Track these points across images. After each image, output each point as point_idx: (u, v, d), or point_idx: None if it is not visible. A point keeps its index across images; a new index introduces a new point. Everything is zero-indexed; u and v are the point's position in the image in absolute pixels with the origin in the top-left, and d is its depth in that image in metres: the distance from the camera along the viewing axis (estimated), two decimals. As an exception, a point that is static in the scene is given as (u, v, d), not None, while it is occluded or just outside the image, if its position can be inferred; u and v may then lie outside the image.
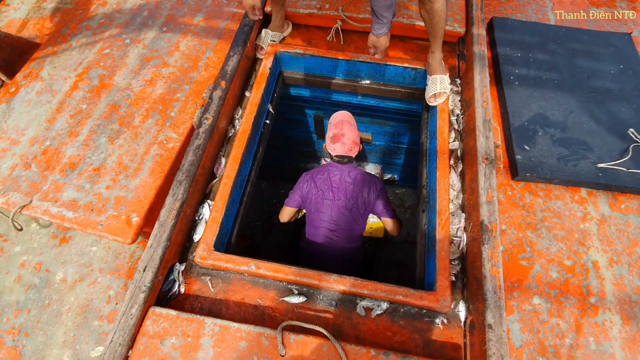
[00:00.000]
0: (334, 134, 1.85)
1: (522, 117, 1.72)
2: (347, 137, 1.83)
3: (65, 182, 1.54)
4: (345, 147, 1.83)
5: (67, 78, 1.83)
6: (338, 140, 1.83)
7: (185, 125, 1.67)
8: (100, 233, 1.43)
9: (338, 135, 1.84)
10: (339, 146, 1.83)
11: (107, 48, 1.92)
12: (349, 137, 1.83)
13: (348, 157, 1.86)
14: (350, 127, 1.85)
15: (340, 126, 1.85)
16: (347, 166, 1.88)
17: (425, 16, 1.57)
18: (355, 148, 1.86)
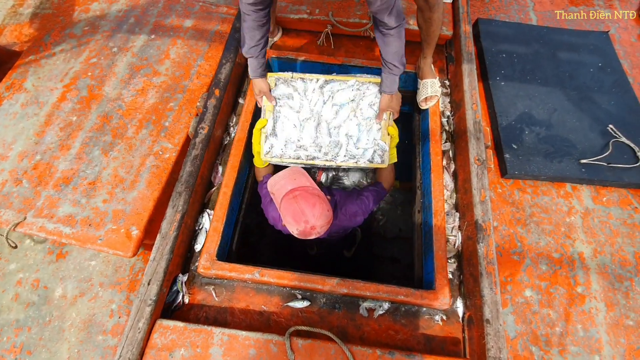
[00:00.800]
0: (300, 231, 1.35)
1: (509, 116, 1.79)
2: (320, 227, 1.34)
3: (59, 197, 1.51)
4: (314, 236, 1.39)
5: (53, 89, 1.79)
6: (309, 235, 1.37)
7: (180, 135, 1.67)
8: (100, 248, 1.42)
9: (307, 230, 1.34)
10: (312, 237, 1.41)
11: (94, 57, 1.88)
12: (321, 225, 1.34)
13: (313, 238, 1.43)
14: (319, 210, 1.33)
15: (301, 214, 1.32)
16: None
17: (422, 24, 1.60)
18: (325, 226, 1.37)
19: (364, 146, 1.63)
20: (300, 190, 1.37)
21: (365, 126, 1.63)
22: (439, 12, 1.57)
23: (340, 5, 1.98)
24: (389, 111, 1.61)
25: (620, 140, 1.74)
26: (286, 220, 1.37)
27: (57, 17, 2.08)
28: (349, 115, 1.62)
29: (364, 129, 1.63)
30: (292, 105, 1.63)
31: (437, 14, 1.57)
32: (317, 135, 1.62)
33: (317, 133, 1.62)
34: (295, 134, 1.62)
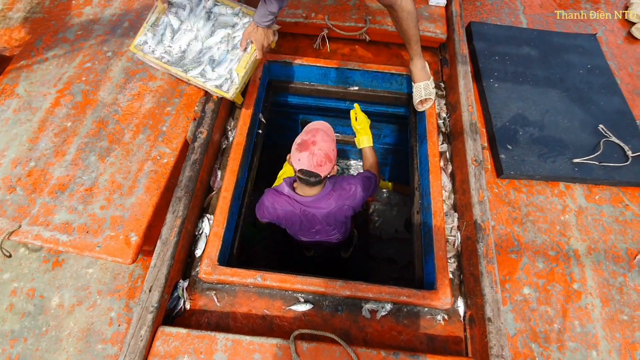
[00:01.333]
0: (303, 141, 1.41)
1: (503, 118, 1.83)
2: (318, 147, 1.38)
3: (55, 205, 1.49)
4: (314, 159, 1.38)
5: (46, 94, 1.76)
6: (306, 149, 1.39)
7: (178, 139, 1.65)
8: (99, 255, 1.40)
9: (307, 142, 1.40)
10: (305, 157, 1.39)
11: (88, 62, 1.86)
12: (321, 147, 1.38)
13: (316, 175, 1.42)
14: (325, 137, 1.42)
15: (312, 133, 1.42)
16: (315, 189, 1.53)
17: (395, 25, 1.62)
18: (327, 164, 1.41)
19: (219, 72, 1.64)
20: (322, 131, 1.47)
21: (231, 55, 1.66)
22: (405, 10, 1.56)
23: (336, 9, 2.00)
24: (253, 44, 1.57)
25: (610, 140, 1.78)
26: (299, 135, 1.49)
27: (49, 21, 2.05)
28: (221, 39, 1.68)
29: (229, 58, 1.66)
30: (181, 14, 1.71)
31: (401, 12, 1.56)
32: (187, 48, 1.68)
33: (188, 46, 1.68)
34: (168, 38, 1.69)
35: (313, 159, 1.38)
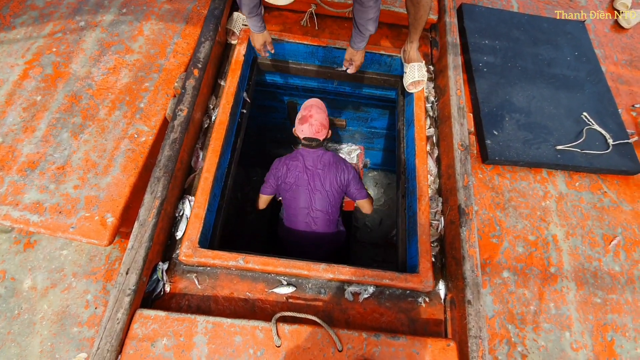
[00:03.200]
0: (302, 116, 1.89)
1: (490, 103, 1.82)
2: (315, 118, 1.86)
3: (25, 183, 1.41)
4: (312, 128, 1.86)
5: (14, 66, 1.64)
6: (306, 122, 1.86)
7: (157, 117, 1.58)
8: (73, 237, 1.34)
9: (306, 116, 1.87)
10: (306, 127, 1.86)
11: (59, 32, 1.73)
12: (316, 119, 1.86)
13: (316, 140, 1.88)
14: (318, 111, 1.89)
15: (309, 109, 1.89)
16: (318, 150, 1.92)
17: (411, 7, 1.58)
18: (323, 130, 1.88)
19: None
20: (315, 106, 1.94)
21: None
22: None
23: (325, -16, 1.91)
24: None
25: (593, 128, 1.80)
26: (299, 112, 1.97)
27: (16, -14, 1.90)
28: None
29: None
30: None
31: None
32: None
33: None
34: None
35: (312, 128, 1.86)
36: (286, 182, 1.91)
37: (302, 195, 1.88)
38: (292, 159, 1.93)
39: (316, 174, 1.89)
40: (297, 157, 1.92)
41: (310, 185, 1.88)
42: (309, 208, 1.87)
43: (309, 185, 1.88)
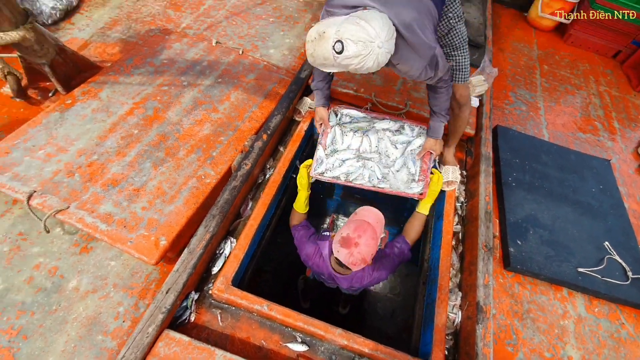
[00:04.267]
0: (348, 237, 1.42)
1: (516, 215, 1.97)
2: (359, 250, 1.39)
3: (104, 196, 1.66)
4: (350, 259, 1.40)
5: (124, 103, 2.04)
6: (347, 246, 1.40)
7: (223, 165, 1.85)
8: (128, 249, 1.52)
9: (351, 240, 1.41)
10: (344, 253, 1.41)
11: (166, 85, 2.16)
12: (361, 251, 1.39)
13: (347, 268, 1.49)
14: (369, 240, 1.41)
15: (360, 231, 1.42)
16: (349, 275, 1.66)
17: (451, 118, 1.88)
18: (360, 265, 1.43)
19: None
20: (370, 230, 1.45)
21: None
22: (467, 112, 1.86)
23: (383, 89, 2.31)
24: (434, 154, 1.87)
25: (613, 258, 1.88)
26: (348, 222, 1.50)
27: (142, 47, 2.43)
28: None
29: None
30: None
31: (465, 113, 1.86)
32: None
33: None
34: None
35: (350, 258, 1.40)
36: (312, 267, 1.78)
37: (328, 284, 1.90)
38: (318, 261, 1.70)
39: (344, 284, 1.76)
40: (327, 274, 1.70)
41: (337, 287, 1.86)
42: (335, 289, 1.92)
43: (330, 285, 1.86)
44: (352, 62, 1.19)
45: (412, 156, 1.92)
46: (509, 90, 2.80)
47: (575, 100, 2.95)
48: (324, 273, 1.75)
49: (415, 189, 1.85)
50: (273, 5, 3.12)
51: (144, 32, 2.69)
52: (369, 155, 1.92)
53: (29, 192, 1.62)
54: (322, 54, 1.23)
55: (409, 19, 1.28)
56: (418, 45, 1.32)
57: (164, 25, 2.75)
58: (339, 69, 1.26)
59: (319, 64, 1.29)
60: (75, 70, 2.22)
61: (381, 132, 1.98)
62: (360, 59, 1.18)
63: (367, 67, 1.21)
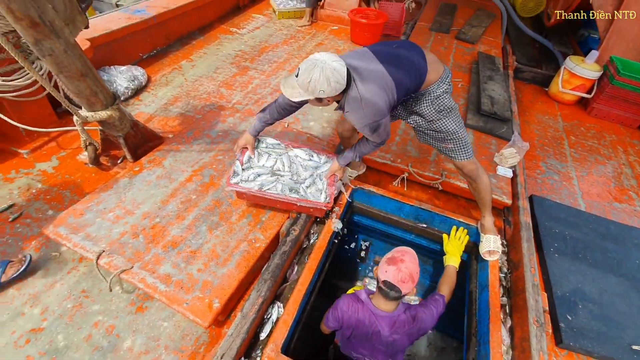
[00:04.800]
0: (393, 257, 1.62)
1: (562, 287, 1.93)
2: (406, 265, 1.57)
3: (164, 257, 1.78)
4: (399, 274, 1.55)
5: (184, 171, 2.26)
6: (394, 264, 1.58)
7: (272, 230, 1.97)
8: (184, 311, 1.60)
9: (397, 259, 1.59)
10: (392, 270, 1.56)
11: (220, 156, 2.40)
12: (408, 266, 1.56)
13: (397, 291, 1.57)
14: (412, 260, 1.61)
15: (402, 253, 1.63)
16: (394, 313, 1.67)
17: (472, 191, 1.98)
18: (409, 283, 1.56)
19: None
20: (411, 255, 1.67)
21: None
22: (482, 183, 1.94)
23: (418, 159, 2.46)
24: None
25: (676, 339, 1.77)
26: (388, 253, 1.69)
27: (201, 121, 2.75)
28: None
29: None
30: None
31: (480, 185, 1.94)
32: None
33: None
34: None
35: (399, 274, 1.55)
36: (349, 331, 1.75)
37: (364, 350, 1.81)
38: (357, 311, 1.69)
39: (379, 339, 1.70)
40: (367, 319, 1.67)
41: (376, 348, 1.74)
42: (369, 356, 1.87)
43: (374, 348, 1.75)
44: (304, 78, 1.47)
45: (320, 177, 2.11)
46: (539, 160, 2.90)
47: (607, 170, 3.00)
48: (362, 321, 1.69)
49: (323, 199, 1.99)
50: (312, 83, 3.49)
51: (201, 107, 3.05)
52: (282, 174, 2.07)
53: (99, 252, 1.77)
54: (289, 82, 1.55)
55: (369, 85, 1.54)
56: (367, 105, 1.55)
57: (218, 102, 3.11)
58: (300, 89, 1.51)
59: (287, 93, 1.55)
60: (143, 140, 2.51)
61: (293, 157, 2.19)
62: (308, 72, 1.46)
63: (314, 79, 1.45)
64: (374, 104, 1.56)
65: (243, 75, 3.55)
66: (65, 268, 1.89)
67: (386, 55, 1.63)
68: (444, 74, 1.72)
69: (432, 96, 1.71)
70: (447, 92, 1.73)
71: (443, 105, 1.73)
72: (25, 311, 1.71)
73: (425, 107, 1.75)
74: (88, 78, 1.86)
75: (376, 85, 1.55)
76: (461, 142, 1.84)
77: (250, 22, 4.65)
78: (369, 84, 1.55)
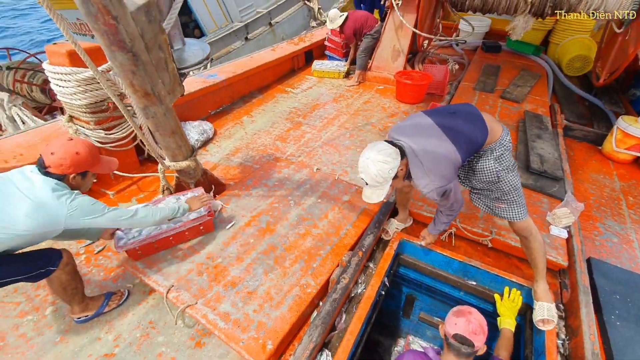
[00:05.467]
0: (459, 310, 1.62)
1: (625, 358, 1.78)
2: (474, 316, 1.56)
3: (224, 296, 1.94)
4: (470, 326, 1.52)
5: (244, 216, 2.49)
6: (463, 315, 1.57)
7: (322, 277, 2.08)
8: (240, 349, 1.70)
9: (464, 311, 1.60)
10: (462, 322, 1.54)
11: (276, 203, 2.62)
12: (476, 317, 1.56)
13: (469, 346, 1.51)
14: (478, 314, 1.60)
15: (467, 307, 1.64)
16: None
17: (525, 252, 1.96)
18: (480, 335, 1.52)
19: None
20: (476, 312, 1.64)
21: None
22: (535, 243, 1.92)
23: (467, 215, 2.50)
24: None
25: None
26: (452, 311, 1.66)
27: (259, 171, 3.04)
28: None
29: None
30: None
31: (534, 244, 1.92)
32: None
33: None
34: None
35: (469, 325, 1.52)
36: None
37: None
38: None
39: None
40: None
41: None
42: None
43: None
44: (369, 178, 1.63)
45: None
46: (597, 221, 2.79)
47: (674, 234, 2.79)
48: None
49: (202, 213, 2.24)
50: (359, 138, 3.74)
51: (258, 158, 3.38)
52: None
53: (168, 287, 1.97)
54: (367, 194, 1.72)
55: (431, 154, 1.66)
56: (432, 172, 1.65)
57: (274, 154, 3.43)
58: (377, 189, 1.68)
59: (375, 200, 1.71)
60: (210, 187, 2.82)
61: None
62: (367, 173, 1.63)
63: (375, 172, 1.60)
64: (439, 170, 1.65)
65: (296, 129, 3.90)
66: (137, 299, 2.11)
67: (445, 120, 1.76)
68: (503, 133, 1.81)
69: (493, 155, 1.79)
70: (508, 151, 1.81)
71: (503, 164, 1.80)
72: (101, 336, 1.92)
73: (485, 166, 1.82)
74: (176, 135, 2.22)
75: (438, 151, 1.66)
76: (516, 201, 1.87)
77: (303, 83, 5.16)
78: (430, 151, 1.65)
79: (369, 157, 1.62)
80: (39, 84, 5.57)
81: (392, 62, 5.04)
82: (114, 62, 1.66)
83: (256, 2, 8.54)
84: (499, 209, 1.92)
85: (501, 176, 1.82)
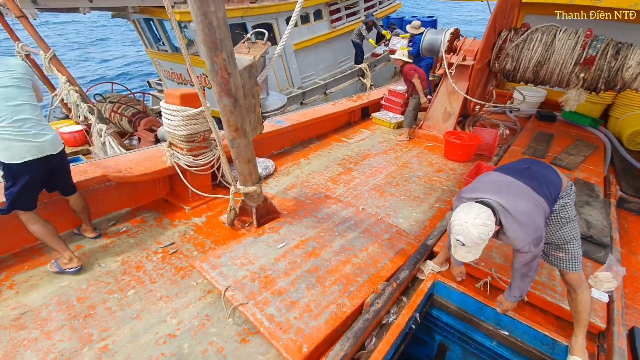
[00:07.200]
0: None
1: None
2: None
3: (271, 301, 2.24)
4: None
5: (294, 239, 2.84)
6: None
7: (358, 300, 2.30)
8: (279, 347, 1.95)
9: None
10: None
11: (322, 232, 2.95)
12: None
13: None
14: None
15: None
16: None
17: (570, 303, 2.01)
18: None
19: None
20: None
21: None
22: (583, 294, 1.96)
23: (502, 266, 2.59)
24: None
25: None
26: None
27: (310, 205, 3.42)
28: None
29: None
30: None
31: (581, 297, 1.96)
32: None
33: None
34: None
35: None
36: None
37: None
38: None
39: None
40: None
41: None
42: None
43: None
44: (469, 241, 1.72)
45: None
46: (648, 294, 2.68)
47: None
48: None
49: None
50: (405, 188, 4.02)
51: (311, 194, 3.79)
52: None
53: (226, 286, 2.33)
54: (460, 254, 1.82)
55: (522, 207, 1.77)
56: (526, 225, 1.75)
57: (325, 192, 3.83)
58: (474, 249, 1.76)
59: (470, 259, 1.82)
60: (267, 212, 3.25)
61: None
62: (468, 236, 1.71)
63: (477, 235, 1.69)
64: (533, 221, 1.76)
65: (347, 174, 4.31)
66: (198, 295, 2.48)
67: (524, 174, 1.94)
68: (569, 183, 2.01)
69: (560, 203, 1.94)
70: (572, 200, 1.98)
71: (567, 212, 1.95)
72: (167, 319, 2.29)
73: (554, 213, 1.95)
74: (251, 163, 2.72)
75: (528, 204, 1.78)
76: (574, 252, 1.99)
77: (357, 134, 5.68)
78: (521, 205, 1.77)
79: (468, 221, 1.71)
80: (129, 115, 6.77)
81: (442, 123, 5.39)
82: (220, 104, 2.24)
83: (317, 72, 9.71)
84: (556, 257, 2.03)
85: (564, 224, 1.95)
